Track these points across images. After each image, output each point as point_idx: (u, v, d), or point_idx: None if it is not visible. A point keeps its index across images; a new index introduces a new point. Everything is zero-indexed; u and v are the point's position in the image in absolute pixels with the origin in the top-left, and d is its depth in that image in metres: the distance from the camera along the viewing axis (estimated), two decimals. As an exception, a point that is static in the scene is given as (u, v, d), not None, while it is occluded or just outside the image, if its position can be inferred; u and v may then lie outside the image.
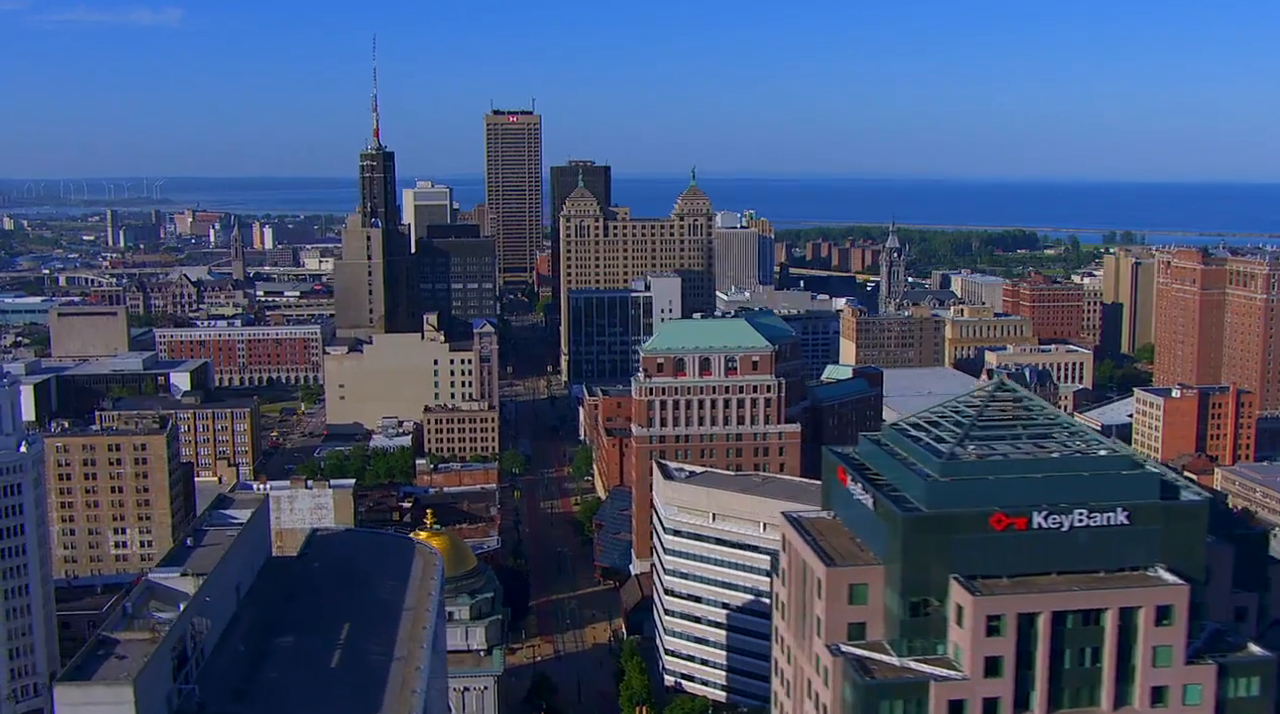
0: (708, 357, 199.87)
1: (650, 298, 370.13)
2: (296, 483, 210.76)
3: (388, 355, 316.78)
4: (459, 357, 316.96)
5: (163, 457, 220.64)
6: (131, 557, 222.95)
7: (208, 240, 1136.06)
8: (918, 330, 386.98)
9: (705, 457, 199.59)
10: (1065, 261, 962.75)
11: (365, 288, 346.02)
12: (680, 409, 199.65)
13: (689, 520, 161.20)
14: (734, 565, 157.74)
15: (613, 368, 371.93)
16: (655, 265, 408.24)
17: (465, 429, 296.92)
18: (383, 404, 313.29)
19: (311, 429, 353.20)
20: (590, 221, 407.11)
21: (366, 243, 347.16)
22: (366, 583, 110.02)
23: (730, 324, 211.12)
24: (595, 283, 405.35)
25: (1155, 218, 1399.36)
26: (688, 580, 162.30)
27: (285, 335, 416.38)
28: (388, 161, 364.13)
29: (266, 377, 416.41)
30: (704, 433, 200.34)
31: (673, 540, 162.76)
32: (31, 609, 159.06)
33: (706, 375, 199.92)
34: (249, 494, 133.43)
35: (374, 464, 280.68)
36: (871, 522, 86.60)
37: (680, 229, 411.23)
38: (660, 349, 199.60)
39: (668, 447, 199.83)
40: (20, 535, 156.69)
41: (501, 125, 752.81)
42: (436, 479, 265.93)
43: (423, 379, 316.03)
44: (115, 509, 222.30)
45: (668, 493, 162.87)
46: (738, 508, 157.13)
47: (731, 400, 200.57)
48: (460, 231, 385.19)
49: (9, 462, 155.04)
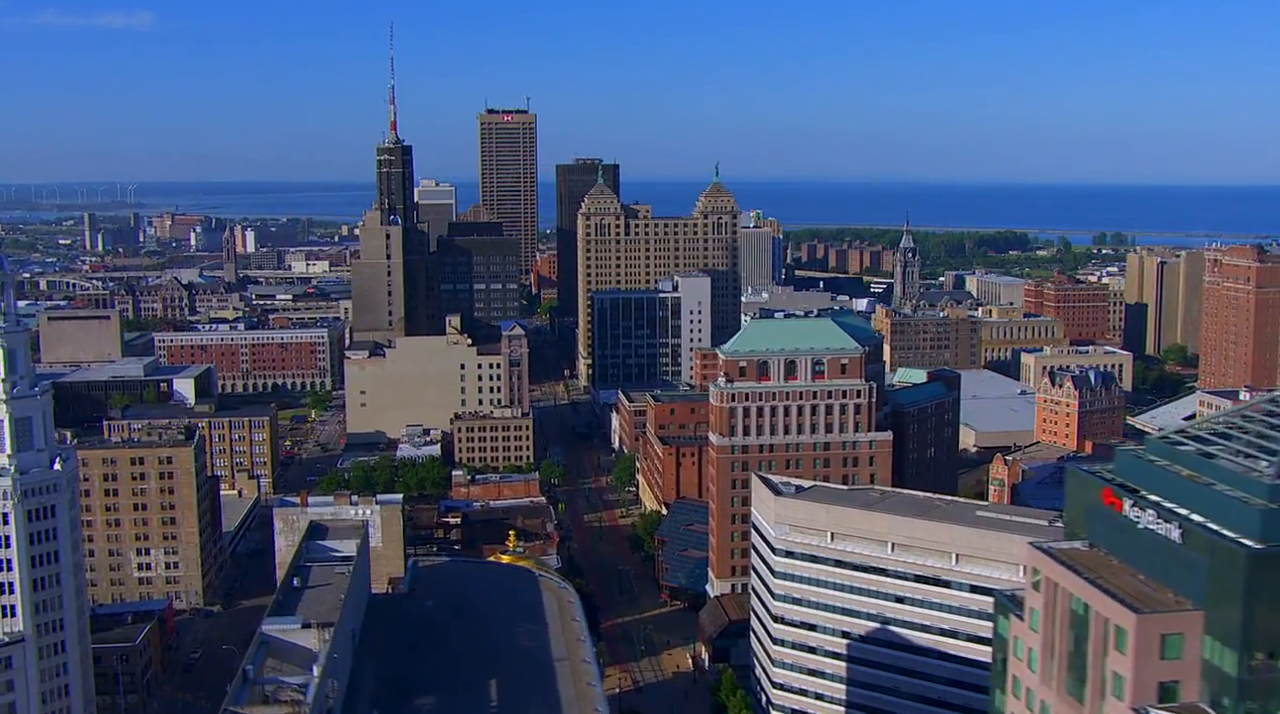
0: (793, 359, 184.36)
1: (679, 298, 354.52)
2: (340, 499, 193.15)
3: (411, 359, 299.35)
4: (487, 361, 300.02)
5: (190, 470, 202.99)
6: (156, 580, 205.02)
7: (188, 244, 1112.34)
8: (953, 332, 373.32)
9: (790, 467, 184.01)
10: (1060, 262, 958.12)
11: (384, 289, 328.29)
12: (765, 416, 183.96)
13: (803, 540, 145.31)
14: (856, 590, 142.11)
15: (639, 372, 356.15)
16: (678, 265, 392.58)
17: (498, 437, 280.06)
18: (406, 411, 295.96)
19: (324, 438, 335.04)
20: (610, 220, 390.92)
21: (385, 241, 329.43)
22: (497, 626, 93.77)
23: (816, 324, 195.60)
24: (616, 283, 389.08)
25: (1143, 219, 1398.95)
26: (801, 606, 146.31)
27: (291, 339, 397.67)
28: (405, 156, 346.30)
29: (271, 382, 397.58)
30: (789, 442, 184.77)
31: (784, 562, 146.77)
32: (66, 646, 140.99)
33: (792, 379, 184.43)
34: (345, 521, 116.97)
35: (403, 476, 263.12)
36: (1174, 557, 71.07)
37: (704, 228, 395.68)
38: (743, 351, 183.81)
39: (750, 457, 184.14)
40: (54, 564, 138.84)
41: (496, 124, 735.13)
42: (475, 491, 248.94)
43: (449, 385, 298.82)
44: (138, 528, 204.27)
45: (779, 510, 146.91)
46: (863, 527, 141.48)
47: (819, 406, 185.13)
48: (482, 229, 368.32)
49: (42, 481, 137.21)
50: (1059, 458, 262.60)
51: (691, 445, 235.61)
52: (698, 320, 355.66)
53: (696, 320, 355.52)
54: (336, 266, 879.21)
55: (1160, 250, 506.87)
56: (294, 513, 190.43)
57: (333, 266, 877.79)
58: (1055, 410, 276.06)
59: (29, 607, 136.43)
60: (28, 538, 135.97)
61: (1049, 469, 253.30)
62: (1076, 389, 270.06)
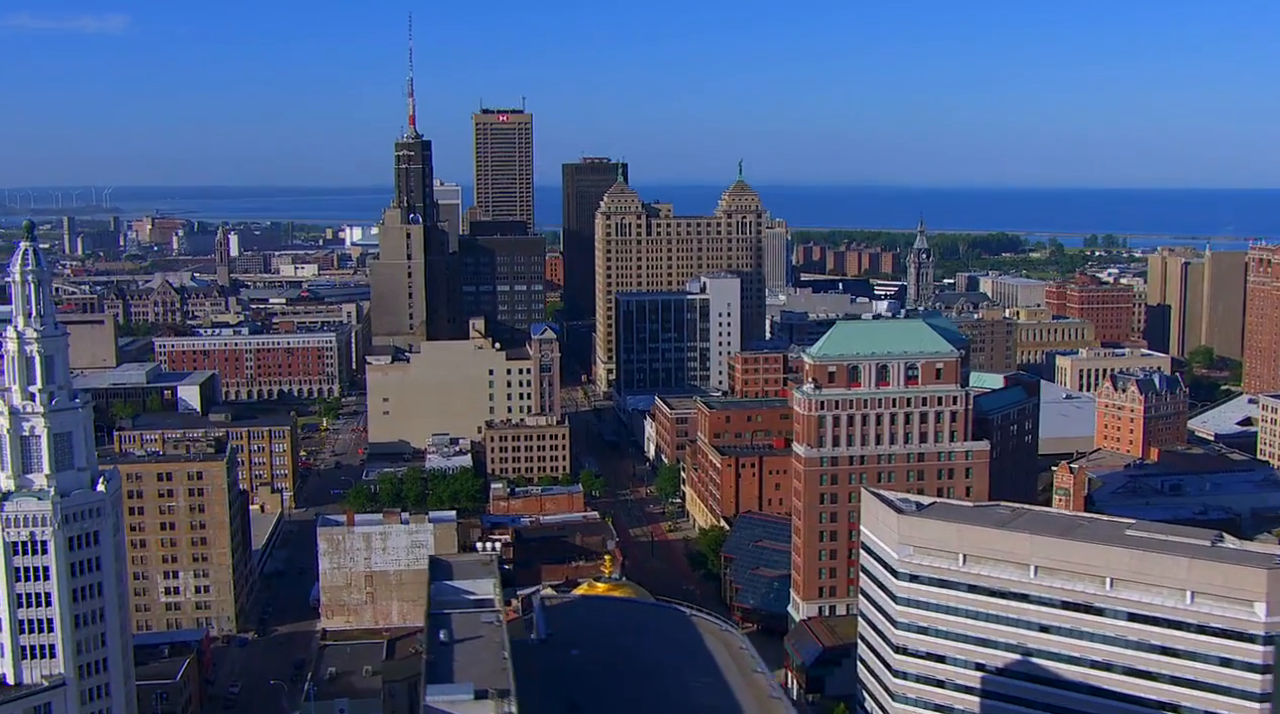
0: (885, 363, 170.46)
1: (707, 300, 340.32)
2: (390, 517, 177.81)
3: (436, 365, 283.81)
4: (516, 366, 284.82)
5: (223, 486, 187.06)
6: (185, 605, 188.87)
7: (170, 247, 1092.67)
8: (988, 334, 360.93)
9: (882, 480, 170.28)
10: (1057, 264, 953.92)
11: (404, 291, 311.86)
12: (856, 425, 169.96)
13: (931, 563, 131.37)
14: (993, 619, 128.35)
15: (666, 377, 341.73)
16: (701, 266, 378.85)
17: (533, 447, 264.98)
18: (431, 420, 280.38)
19: (340, 447, 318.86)
20: (631, 219, 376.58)
21: (406, 241, 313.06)
22: (666, 681, 79.16)
23: (907, 326, 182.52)
24: (637, 285, 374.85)
25: (1132, 222, 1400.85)
26: (928, 636, 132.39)
27: (298, 344, 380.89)
28: (425, 151, 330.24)
29: (277, 389, 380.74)
30: (881, 453, 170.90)
31: (909, 588, 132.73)
32: (111, 688, 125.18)
33: (883, 385, 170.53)
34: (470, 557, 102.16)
35: (435, 489, 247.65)
36: None
37: (728, 227, 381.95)
38: (832, 355, 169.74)
39: (840, 470, 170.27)
40: (98, 597, 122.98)
41: (491, 125, 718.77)
42: (515, 506, 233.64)
43: (476, 392, 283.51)
44: (166, 549, 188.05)
45: (905, 530, 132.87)
46: (1001, 548, 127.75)
47: (913, 414, 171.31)
48: (505, 228, 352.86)
49: (85, 504, 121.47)
50: (1126, 466, 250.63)
51: (751, 455, 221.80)
52: (727, 323, 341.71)
53: (726, 323, 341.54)
54: (325, 270, 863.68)
55: (1183, 251, 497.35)
56: (339, 533, 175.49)
57: (321, 270, 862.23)
58: (1118, 415, 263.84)
59: (70, 646, 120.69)
60: (69, 569, 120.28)
61: (1120, 478, 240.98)
62: (1141, 393, 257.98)
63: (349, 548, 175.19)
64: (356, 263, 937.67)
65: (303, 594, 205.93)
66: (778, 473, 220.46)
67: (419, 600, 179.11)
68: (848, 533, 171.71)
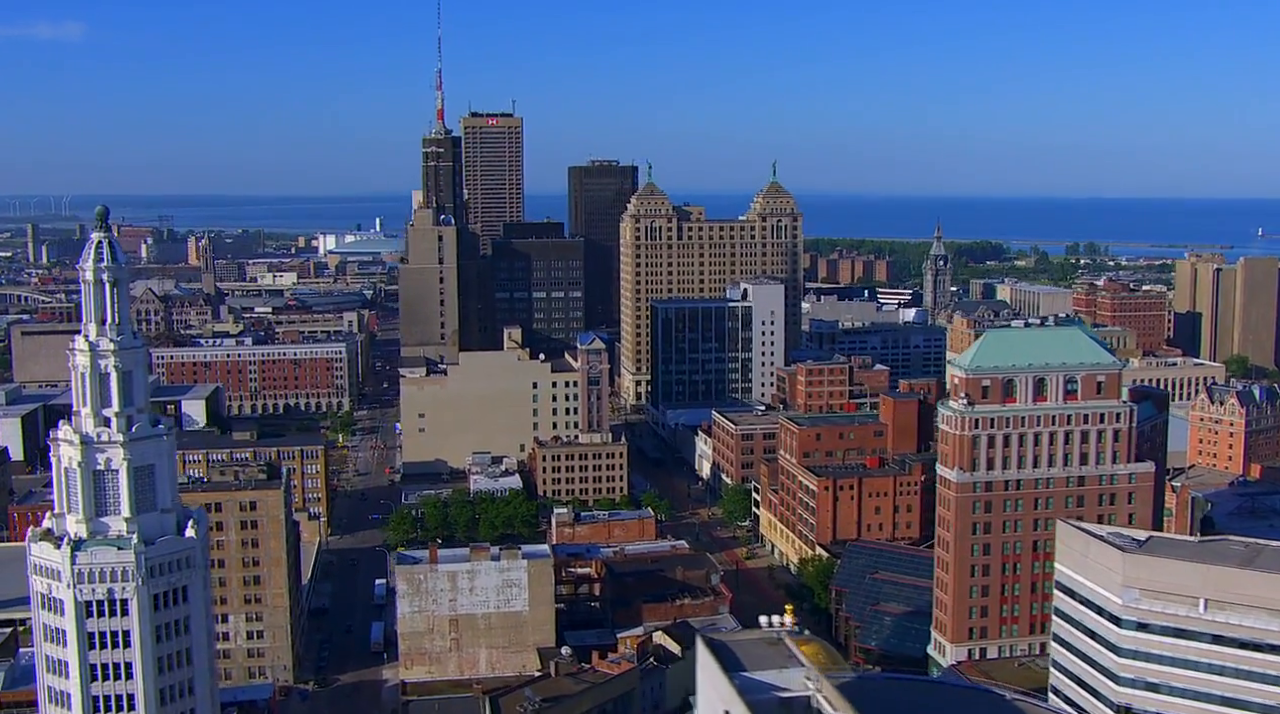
0: (1042, 376, 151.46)
1: (749, 308, 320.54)
2: (479, 553, 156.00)
3: (476, 378, 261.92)
4: (562, 379, 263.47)
5: (279, 517, 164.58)
6: (235, 653, 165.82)
7: (138, 255, 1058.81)
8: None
9: (1039, 507, 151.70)
10: (1047, 271, 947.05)
11: (435, 298, 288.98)
12: (1012, 446, 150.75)
13: (1163, 610, 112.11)
14: (1245, 675, 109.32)
15: (706, 389, 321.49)
16: (735, 272, 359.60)
17: (587, 467, 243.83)
18: (471, 437, 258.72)
19: (363, 466, 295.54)
20: (662, 222, 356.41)
21: (437, 244, 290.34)
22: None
23: (1063, 334, 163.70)
24: (667, 291, 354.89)
25: (1111, 230, 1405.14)
26: (1160, 695, 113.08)
27: (305, 356, 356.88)
28: (455, 148, 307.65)
29: (283, 403, 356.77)
30: (1039, 476, 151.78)
31: (1135, 638, 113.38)
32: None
33: (1040, 401, 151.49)
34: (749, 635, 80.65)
35: (486, 513, 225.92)
36: None
37: (762, 231, 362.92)
38: (986, 367, 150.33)
39: (995, 496, 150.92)
40: (187, 666, 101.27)
41: (480, 129, 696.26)
42: (580, 533, 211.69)
43: (519, 406, 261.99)
44: (214, 589, 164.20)
45: (1130, 570, 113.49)
46: (1253, 592, 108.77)
47: (1073, 433, 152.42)
48: (540, 230, 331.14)
49: (172, 553, 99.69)
50: (1230, 484, 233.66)
51: (849, 476, 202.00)
52: (770, 332, 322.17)
53: (769, 332, 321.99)
54: (304, 278, 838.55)
55: (1211, 257, 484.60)
56: (421, 572, 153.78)
57: (300, 278, 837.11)
58: (1215, 430, 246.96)
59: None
60: (154, 634, 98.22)
61: (1229, 497, 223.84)
62: (1242, 406, 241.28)
63: (432, 589, 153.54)
64: (335, 271, 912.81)
65: (359, 636, 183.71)
66: (878, 496, 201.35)
67: (510, 647, 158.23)
68: (1001, 567, 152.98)
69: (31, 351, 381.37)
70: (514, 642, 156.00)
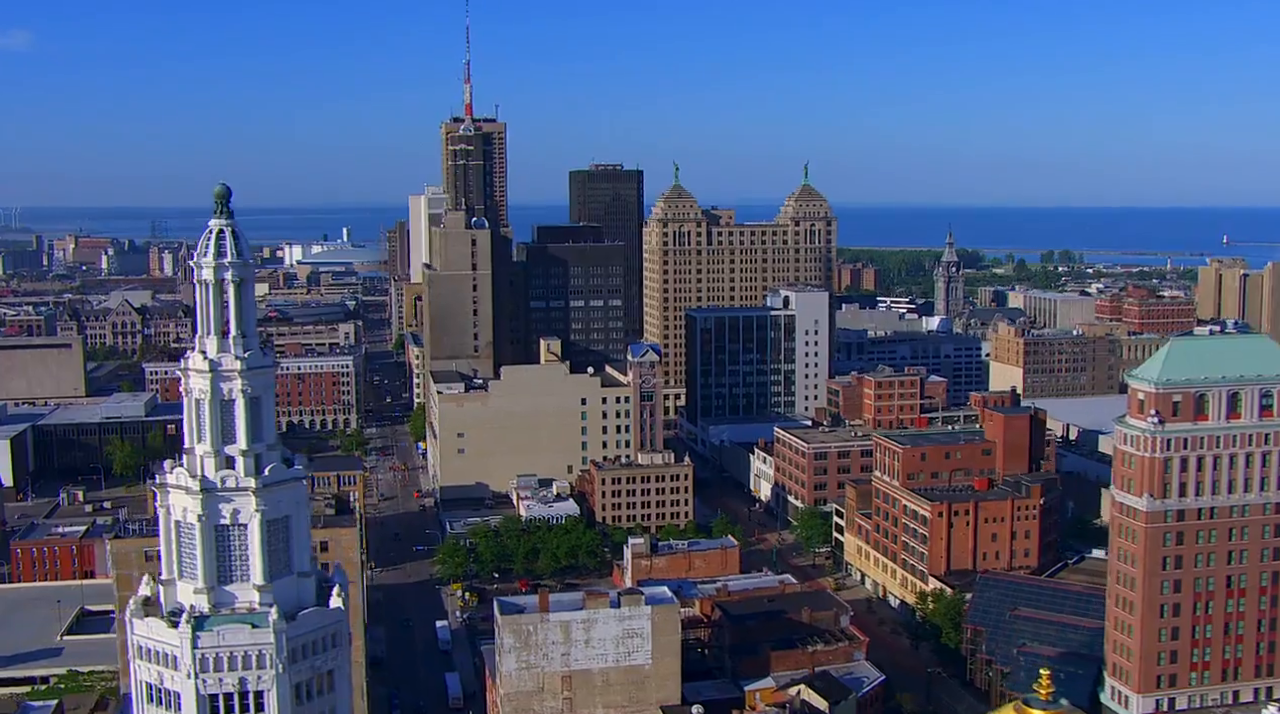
0: (1236, 391, 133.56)
1: (792, 317, 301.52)
2: (595, 599, 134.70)
3: (520, 394, 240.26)
4: (613, 394, 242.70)
5: (355, 561, 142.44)
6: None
7: (99, 267, 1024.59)
8: (1090, 352, 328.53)
9: (1234, 538, 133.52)
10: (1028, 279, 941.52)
11: (469, 307, 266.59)
12: (1206, 469, 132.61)
13: None
14: None
15: (748, 403, 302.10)
16: (766, 279, 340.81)
17: (650, 491, 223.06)
18: (515, 457, 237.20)
19: (386, 489, 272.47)
20: (691, 227, 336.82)
21: (470, 248, 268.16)
22: None
23: (1252, 343, 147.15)
24: (696, 300, 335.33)
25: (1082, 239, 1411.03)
26: None
27: (310, 370, 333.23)
28: (487, 145, 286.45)
29: (285, 421, 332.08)
30: (1234, 503, 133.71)
31: None
32: None
33: (1233, 418, 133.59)
34: None
35: (546, 544, 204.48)
36: None
37: (795, 236, 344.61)
38: (1177, 381, 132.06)
39: (1187, 526, 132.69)
40: (331, 772, 79.20)
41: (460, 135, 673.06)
42: (659, 566, 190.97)
43: (566, 425, 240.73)
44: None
45: None
46: None
47: (1270, 454, 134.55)
48: (577, 234, 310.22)
49: (318, 630, 78.20)
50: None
51: (964, 501, 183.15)
52: (814, 342, 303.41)
53: (813, 342, 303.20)
54: (276, 290, 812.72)
55: (1233, 262, 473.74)
56: (530, 622, 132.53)
57: (272, 289, 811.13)
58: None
59: None
60: (293, 733, 76.40)
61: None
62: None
63: (542, 641, 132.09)
64: (307, 281, 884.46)
65: (433, 690, 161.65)
66: (994, 521, 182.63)
67: (630, 706, 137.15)
68: (1193, 606, 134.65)
69: (8, 368, 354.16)
70: (635, 700, 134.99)
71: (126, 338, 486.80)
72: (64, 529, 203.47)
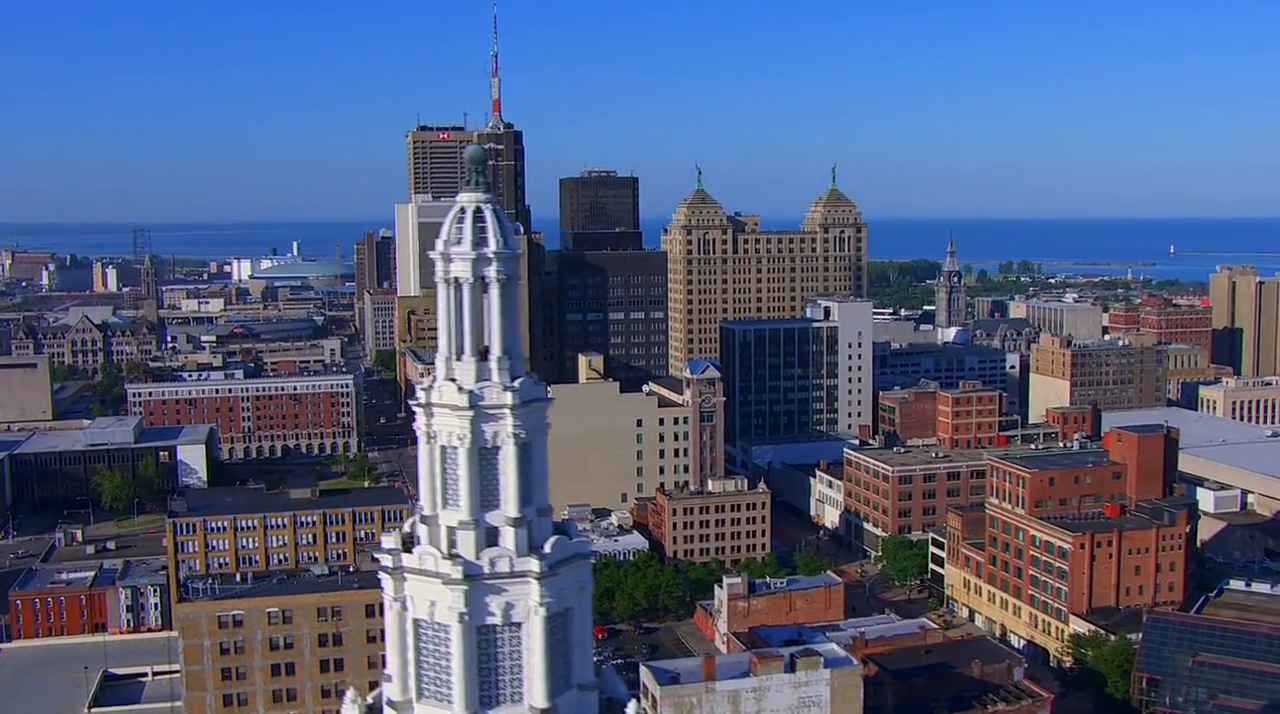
0: None
1: (835, 328, 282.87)
2: (767, 663, 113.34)
3: (568, 415, 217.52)
4: (670, 415, 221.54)
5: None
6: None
7: (39, 284, 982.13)
8: (1138, 364, 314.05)
9: None
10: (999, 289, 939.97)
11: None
12: None
13: None
14: None
15: (789, 421, 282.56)
16: (795, 289, 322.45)
17: (724, 521, 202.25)
18: (564, 486, 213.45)
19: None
20: (716, 234, 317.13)
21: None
22: None
23: None
24: (723, 311, 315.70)
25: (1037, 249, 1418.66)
26: None
27: (307, 390, 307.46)
28: (516, 144, 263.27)
29: (281, 445, 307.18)
30: None
31: None
32: None
33: None
34: None
35: (623, 584, 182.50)
36: None
37: (823, 243, 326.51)
38: None
39: None
40: None
41: (430, 143, 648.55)
42: (757, 607, 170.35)
43: (621, 448, 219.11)
44: None
45: None
46: None
47: None
48: (613, 241, 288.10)
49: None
50: None
51: (1106, 531, 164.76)
52: (857, 356, 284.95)
53: (855, 356, 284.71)
54: (230, 306, 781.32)
55: (1243, 269, 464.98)
56: (695, 693, 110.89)
57: (228, 305, 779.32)
58: None
59: None
60: None
61: None
62: None
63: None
64: (262, 297, 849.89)
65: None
66: (1138, 553, 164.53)
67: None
68: None
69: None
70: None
71: (88, 356, 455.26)
72: (69, 576, 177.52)
